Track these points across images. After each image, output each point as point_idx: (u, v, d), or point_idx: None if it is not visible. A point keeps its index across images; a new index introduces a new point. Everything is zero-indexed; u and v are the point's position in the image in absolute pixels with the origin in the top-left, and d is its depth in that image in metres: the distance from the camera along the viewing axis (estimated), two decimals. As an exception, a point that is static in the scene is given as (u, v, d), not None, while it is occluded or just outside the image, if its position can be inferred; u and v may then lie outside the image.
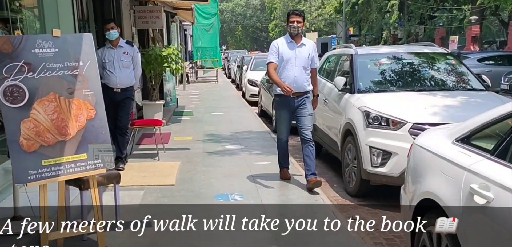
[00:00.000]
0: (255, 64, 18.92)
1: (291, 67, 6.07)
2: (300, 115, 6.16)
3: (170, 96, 14.29)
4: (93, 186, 3.90)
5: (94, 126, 3.95)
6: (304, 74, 6.12)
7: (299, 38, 6.16)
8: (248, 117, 12.98)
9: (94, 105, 3.97)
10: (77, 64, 3.96)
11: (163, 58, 10.94)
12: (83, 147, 3.87)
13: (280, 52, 6.08)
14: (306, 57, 6.11)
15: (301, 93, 6.12)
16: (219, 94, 19.27)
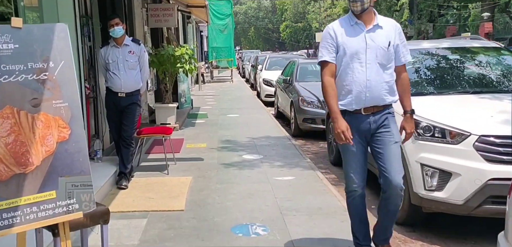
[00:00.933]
0: (269, 64, 17.59)
1: (360, 66, 3.40)
2: (380, 145, 3.48)
3: (184, 98, 13.02)
4: (65, 237, 2.61)
5: (68, 150, 2.65)
6: (383, 76, 3.43)
7: (370, 17, 3.44)
8: (264, 120, 11.66)
9: (69, 122, 2.68)
10: (45, 66, 2.66)
11: (176, 58, 9.68)
12: (51, 182, 2.58)
13: (338, 43, 3.44)
14: (385, 46, 3.41)
15: (379, 108, 3.47)
16: (234, 95, 17.98)
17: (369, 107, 3.44)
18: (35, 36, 2.66)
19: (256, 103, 15.21)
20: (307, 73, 11.46)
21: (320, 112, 9.58)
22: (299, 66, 11.41)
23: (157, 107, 9.75)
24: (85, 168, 2.69)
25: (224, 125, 10.67)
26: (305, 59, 12.94)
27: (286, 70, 12.76)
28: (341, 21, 3.58)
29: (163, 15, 10.11)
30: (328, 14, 63.44)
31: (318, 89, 10.66)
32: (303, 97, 9.92)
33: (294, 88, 10.59)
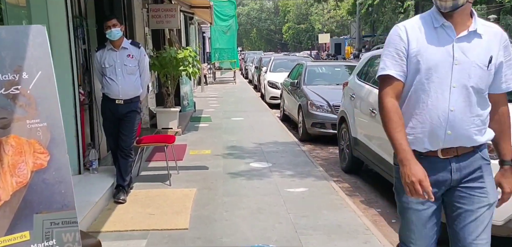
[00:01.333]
0: (274, 66, 17.06)
1: (443, 89, 2.27)
2: (466, 206, 2.37)
3: (187, 100, 12.51)
4: (42, 289, 2.10)
5: (47, 181, 2.14)
6: (475, 107, 2.30)
7: (465, 18, 2.28)
8: (270, 123, 11.13)
9: (48, 146, 2.17)
10: (17, 78, 2.16)
11: (179, 61, 9.16)
12: (24, 220, 2.08)
13: (411, 52, 2.32)
14: (484, 63, 2.28)
15: (467, 149, 2.35)
16: (237, 96, 17.45)
17: (450, 149, 2.33)
18: (3, 42, 2.14)
19: (261, 106, 14.69)
20: (315, 76, 10.92)
21: (330, 117, 9.07)
22: (308, 69, 10.88)
23: (159, 112, 9.23)
24: (68, 201, 2.17)
25: (228, 129, 10.15)
26: (314, 62, 12.40)
27: (293, 72, 12.23)
28: (422, 18, 2.38)
29: (165, 16, 9.57)
30: (332, 16, 62.90)
31: (327, 92, 10.21)
32: (312, 101, 9.39)
33: (302, 91, 10.06)
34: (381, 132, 5.58)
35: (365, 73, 7.04)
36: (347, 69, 11.14)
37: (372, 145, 6.06)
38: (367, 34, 43.85)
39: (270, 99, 15.32)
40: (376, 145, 5.89)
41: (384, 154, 5.58)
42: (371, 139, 6.11)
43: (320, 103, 9.29)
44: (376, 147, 5.87)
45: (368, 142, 6.22)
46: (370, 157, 6.16)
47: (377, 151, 5.84)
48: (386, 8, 30.95)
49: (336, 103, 9.02)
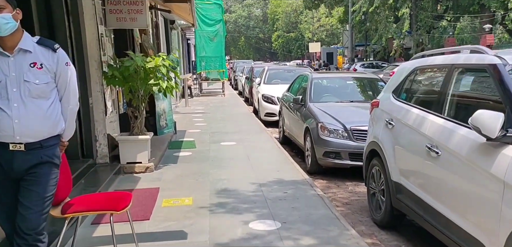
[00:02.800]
0: (268, 77, 14.81)
1: None
2: None
3: (165, 121, 10.20)
4: None
5: None
6: None
7: None
8: (269, 149, 8.87)
9: None
10: None
11: (149, 72, 6.89)
12: None
13: None
14: None
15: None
16: (227, 112, 15.15)
17: None
18: None
19: (255, 124, 12.42)
20: (323, 90, 8.73)
21: (347, 144, 6.92)
22: (313, 82, 8.64)
23: (122, 141, 6.91)
24: None
25: (217, 160, 7.86)
26: (320, 74, 10.10)
27: (294, 86, 10.01)
28: None
29: (128, 11, 7.27)
30: (321, 24, 61.06)
31: (341, 112, 7.41)
32: (323, 124, 7.19)
33: (309, 111, 7.85)
34: (447, 180, 3.46)
35: (408, 91, 4.89)
36: (363, 83, 8.98)
37: (429, 198, 3.95)
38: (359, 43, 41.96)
39: (265, 116, 13.08)
40: (436, 198, 3.79)
41: (452, 214, 3.47)
42: (427, 189, 3.99)
43: (334, 126, 7.09)
44: (438, 203, 3.77)
45: (421, 192, 4.10)
46: (423, 213, 4.05)
47: (438, 208, 3.74)
48: (380, 16, 28.97)
49: (355, 126, 6.89)
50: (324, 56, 40.89)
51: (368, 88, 8.80)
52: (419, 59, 5.09)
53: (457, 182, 3.59)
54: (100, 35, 6.81)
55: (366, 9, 28.82)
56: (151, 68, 6.90)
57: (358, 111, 7.55)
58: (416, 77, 4.92)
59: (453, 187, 3.64)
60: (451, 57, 4.30)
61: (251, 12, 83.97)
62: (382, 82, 8.61)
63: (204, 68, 21.83)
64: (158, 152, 8.02)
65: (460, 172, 3.54)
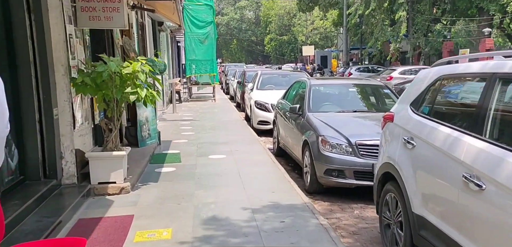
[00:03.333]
0: (262, 82, 13.95)
1: None
2: None
3: (148, 131, 9.34)
4: None
5: None
6: None
7: None
8: (263, 163, 8.01)
9: None
10: None
11: (126, 78, 6.02)
12: None
13: None
14: None
15: None
16: (217, 119, 14.28)
17: None
18: None
19: (247, 133, 11.56)
20: (323, 99, 7.91)
21: (352, 161, 6.09)
22: (312, 89, 7.80)
23: (93, 158, 6.02)
24: None
25: (204, 177, 6.99)
26: (319, 80, 9.21)
27: (291, 93, 9.17)
28: None
29: (102, 9, 6.36)
30: (315, 28, 60.38)
31: (344, 124, 6.39)
32: (324, 137, 6.35)
33: (308, 121, 7.01)
34: (495, 222, 2.81)
35: (432, 103, 4.09)
36: (366, 90, 8.16)
37: (466, 242, 3.13)
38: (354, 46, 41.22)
39: (258, 125, 12.24)
40: (477, 244, 2.99)
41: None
42: (464, 230, 3.21)
43: (337, 140, 6.25)
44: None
45: (454, 232, 3.32)
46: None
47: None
48: (376, 19, 28.17)
49: (361, 140, 6.08)
50: (318, 60, 40.10)
51: (372, 96, 8.00)
52: (444, 67, 4.25)
53: (510, 226, 2.76)
54: (69, 36, 5.90)
55: (362, 12, 28.06)
56: (128, 75, 6.04)
57: (363, 123, 6.74)
58: (441, 87, 4.10)
59: (503, 233, 2.82)
60: (491, 65, 3.47)
61: (243, 15, 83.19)
62: (388, 90, 7.80)
63: (194, 72, 20.97)
64: (137, 168, 7.14)
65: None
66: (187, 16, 20.67)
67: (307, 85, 7.90)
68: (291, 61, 63.03)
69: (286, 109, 8.54)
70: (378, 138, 5.96)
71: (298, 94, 8.44)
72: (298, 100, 8.15)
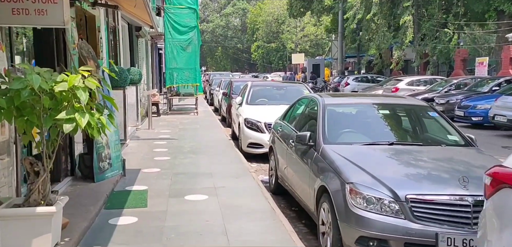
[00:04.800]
0: (252, 96, 12.00)
1: None
2: None
3: (107, 160, 7.40)
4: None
5: None
6: None
7: None
8: (260, 213, 6.05)
9: None
10: None
11: (61, 99, 4.09)
12: None
13: None
14: None
15: None
16: (199, 139, 12.30)
17: None
18: None
19: (235, 159, 9.60)
20: (344, 123, 5.97)
21: (403, 227, 4.09)
22: (327, 110, 5.82)
23: (4, 219, 4.02)
24: None
25: (176, 239, 5.02)
26: (336, 98, 7.00)
27: (294, 113, 7.28)
28: None
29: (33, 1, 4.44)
30: (305, 34, 58.79)
31: (385, 164, 3.88)
32: (355, 186, 4.34)
33: (325, 158, 5.06)
34: None
35: None
36: (402, 113, 6.23)
37: None
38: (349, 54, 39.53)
39: (248, 147, 10.31)
40: None
41: None
42: None
43: (376, 192, 4.22)
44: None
45: None
46: None
47: None
48: (377, 24, 26.30)
49: (415, 194, 4.15)
50: (310, 68, 38.34)
51: (414, 121, 5.99)
52: None
53: None
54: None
55: (361, 17, 26.23)
56: (62, 93, 4.09)
57: (411, 163, 4.83)
58: None
59: None
60: None
61: (229, 22, 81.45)
62: (435, 113, 5.90)
63: (176, 81, 18.98)
64: (83, 219, 5.17)
65: None
66: (168, 21, 18.72)
67: (319, 104, 5.97)
68: (279, 69, 61.34)
69: (288, 135, 6.62)
70: (442, 189, 4.09)
71: (305, 116, 6.53)
72: (306, 125, 6.24)
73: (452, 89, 17.89)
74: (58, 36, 6.82)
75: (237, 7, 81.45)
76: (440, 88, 18.89)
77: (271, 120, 9.91)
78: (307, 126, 6.22)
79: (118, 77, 10.94)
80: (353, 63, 42.46)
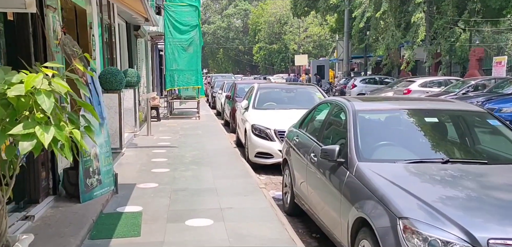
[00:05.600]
0: (259, 99, 10.89)
1: None
2: None
3: (96, 176, 6.33)
4: None
5: None
6: None
7: None
8: (275, 240, 4.99)
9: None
10: None
11: (19, 106, 3.01)
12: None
13: None
14: None
15: None
16: (202, 147, 11.22)
17: None
18: None
19: (242, 171, 8.52)
20: (382, 135, 4.81)
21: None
22: (358, 117, 4.72)
23: None
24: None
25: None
26: (368, 103, 5.76)
27: (313, 120, 6.19)
28: None
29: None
30: (308, 35, 57.70)
31: (444, 190, 3.15)
32: (411, 223, 3.21)
33: (363, 181, 3.95)
34: None
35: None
36: (460, 121, 5.06)
37: None
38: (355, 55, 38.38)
39: (256, 157, 9.23)
40: None
41: None
42: None
43: (441, 233, 3.08)
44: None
45: None
46: None
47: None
48: (386, 22, 25.09)
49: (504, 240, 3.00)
50: (314, 70, 37.25)
51: (467, 132, 4.80)
52: None
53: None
54: None
55: (370, 15, 25.02)
56: (21, 99, 3.03)
57: (482, 191, 3.70)
58: None
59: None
60: None
61: (231, 23, 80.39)
62: (496, 121, 4.78)
63: (177, 84, 17.90)
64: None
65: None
66: (168, 20, 17.65)
67: (348, 110, 4.87)
68: (281, 71, 60.27)
69: (307, 147, 5.55)
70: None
71: (329, 124, 5.44)
72: (330, 136, 5.16)
73: (470, 90, 16.77)
74: (37, 30, 5.76)
75: (239, 8, 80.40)
76: (456, 90, 17.78)
77: (282, 127, 8.87)
78: (332, 137, 5.15)
79: (113, 79, 9.90)
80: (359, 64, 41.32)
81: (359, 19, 26.04)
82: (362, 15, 25.69)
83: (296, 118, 8.85)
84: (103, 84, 9.84)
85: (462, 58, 25.36)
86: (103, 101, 6.67)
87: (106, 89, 9.87)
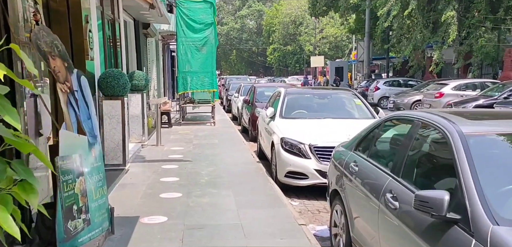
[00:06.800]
0: (287, 106, 9.14)
1: None
2: None
3: (85, 215, 4.66)
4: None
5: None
6: None
7: None
8: None
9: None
10: None
11: None
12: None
13: None
14: None
15: None
16: (219, 160, 9.56)
17: None
18: None
19: (271, 198, 6.83)
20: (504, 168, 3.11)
21: None
22: (471, 143, 2.98)
23: None
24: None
25: None
26: (477, 124, 3.78)
27: (378, 141, 4.49)
28: None
29: None
30: (323, 36, 55.91)
31: None
32: None
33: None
34: None
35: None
36: None
37: None
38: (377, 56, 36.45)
39: (286, 177, 7.52)
40: None
41: None
42: None
43: None
44: None
45: None
46: None
47: None
48: (414, 20, 23.23)
49: None
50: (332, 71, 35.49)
51: None
52: None
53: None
54: None
55: (396, 13, 23.16)
56: None
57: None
58: None
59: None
60: None
61: (244, 24, 78.84)
62: None
63: (190, 87, 16.21)
64: None
65: None
66: (181, 17, 15.99)
67: (451, 137, 3.12)
68: (296, 73, 58.55)
69: (375, 180, 3.85)
70: None
71: (414, 152, 3.71)
72: (417, 170, 3.45)
73: (513, 94, 14.98)
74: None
75: (252, 9, 78.83)
76: (496, 94, 15.95)
77: (318, 142, 7.20)
78: (420, 173, 3.43)
79: (115, 84, 8.30)
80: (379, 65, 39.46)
81: (384, 18, 24.19)
82: (387, 14, 23.84)
83: (332, 130, 7.18)
84: (103, 90, 8.24)
85: (495, 59, 23.40)
86: (94, 115, 5.01)
87: (107, 95, 8.29)
